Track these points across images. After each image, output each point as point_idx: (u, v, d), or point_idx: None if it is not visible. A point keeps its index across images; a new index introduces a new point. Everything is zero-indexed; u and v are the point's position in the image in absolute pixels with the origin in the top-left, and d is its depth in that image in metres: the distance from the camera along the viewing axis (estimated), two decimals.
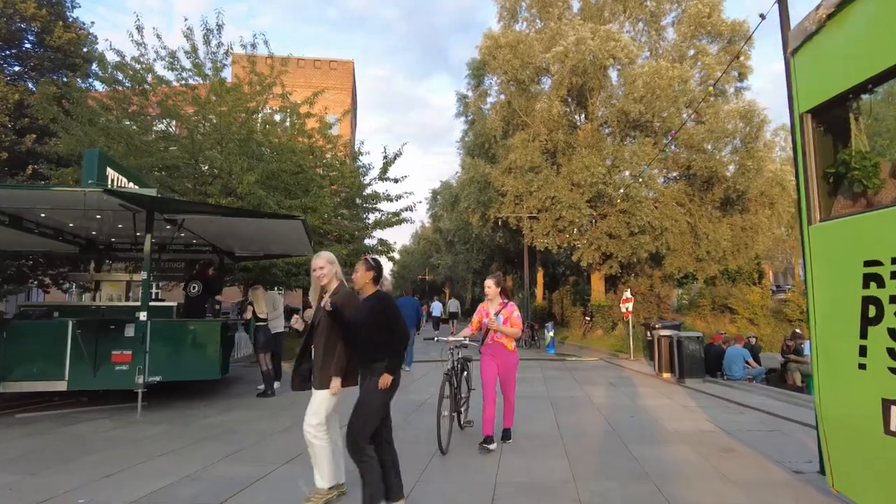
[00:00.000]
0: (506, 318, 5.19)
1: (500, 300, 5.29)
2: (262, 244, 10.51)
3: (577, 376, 11.08)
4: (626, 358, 15.20)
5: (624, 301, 15.59)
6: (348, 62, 44.21)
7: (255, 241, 10.09)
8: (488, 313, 5.27)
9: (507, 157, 18.50)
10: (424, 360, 13.86)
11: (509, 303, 5.31)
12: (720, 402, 8.01)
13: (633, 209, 17.32)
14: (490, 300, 5.34)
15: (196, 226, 7.95)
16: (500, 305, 5.24)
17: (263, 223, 7.95)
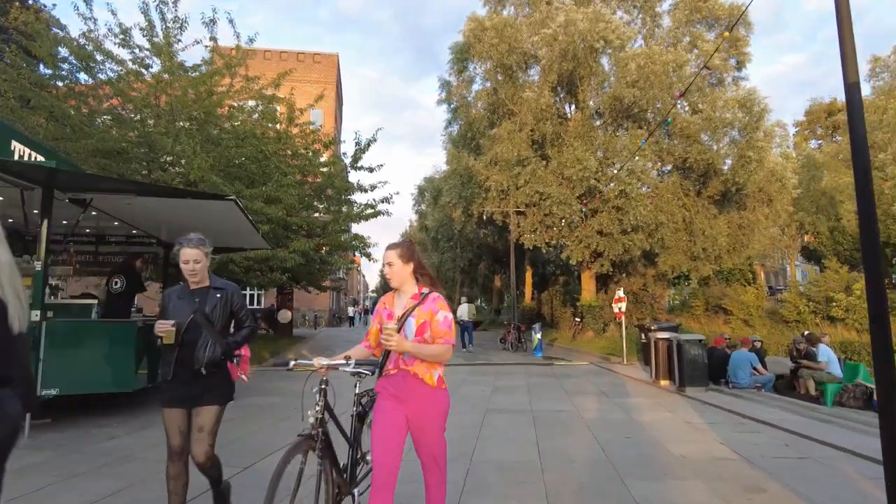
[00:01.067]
0: (422, 322, 2.62)
1: (414, 288, 2.75)
2: (204, 234, 9.24)
3: (565, 384, 9.92)
4: (619, 362, 14.10)
5: (616, 301, 14.49)
6: (332, 56, 42.92)
7: (194, 229, 8.85)
8: (390, 314, 2.72)
9: (493, 148, 17.35)
10: None
11: (430, 295, 2.71)
12: (730, 416, 6.88)
13: (626, 206, 16.23)
14: (396, 289, 2.79)
15: (113, 208, 6.71)
16: (412, 299, 2.71)
17: (194, 206, 6.71)
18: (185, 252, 2.97)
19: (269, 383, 10.07)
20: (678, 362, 9.18)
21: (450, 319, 2.67)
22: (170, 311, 2.99)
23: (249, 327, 3.20)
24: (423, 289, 2.73)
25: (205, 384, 2.95)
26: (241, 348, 3.31)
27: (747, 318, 25.96)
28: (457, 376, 11.03)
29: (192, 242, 2.97)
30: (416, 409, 2.67)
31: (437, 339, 2.61)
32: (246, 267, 12.82)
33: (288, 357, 3.05)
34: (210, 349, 2.94)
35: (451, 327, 2.66)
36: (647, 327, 13.35)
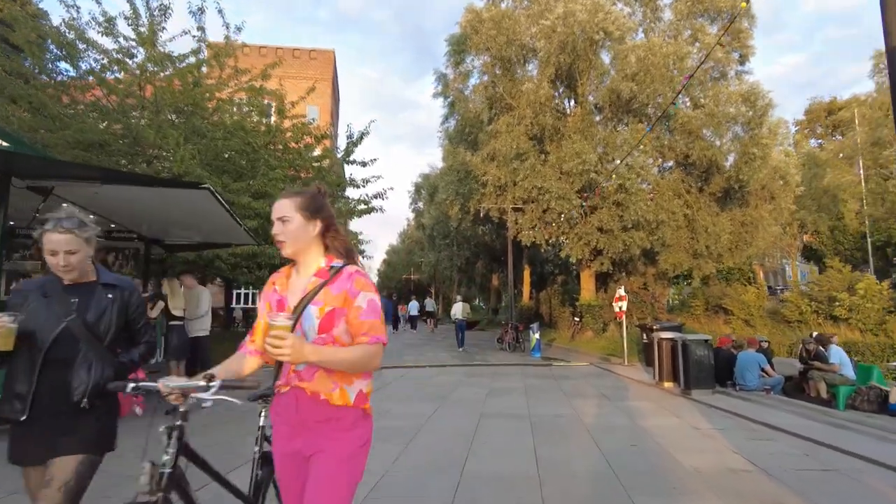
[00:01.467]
0: (330, 312, 1.70)
1: (319, 260, 1.81)
2: (185, 227, 8.82)
3: (564, 386, 9.49)
4: (620, 363, 13.68)
5: (617, 300, 14.07)
6: (328, 52, 42.44)
7: (175, 222, 8.41)
8: (282, 302, 1.80)
9: (490, 143, 16.90)
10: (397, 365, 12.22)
11: (345, 269, 1.77)
12: (740, 421, 6.45)
13: (626, 202, 15.80)
14: (296, 264, 1.86)
15: (80, 198, 6.24)
16: (317, 277, 1.76)
17: (168, 196, 6.26)
18: (49, 238, 1.99)
19: (267, 381, 9.63)
20: (683, 364, 8.75)
21: (376, 305, 1.72)
22: (27, 316, 1.99)
23: (147, 343, 2.33)
24: (334, 261, 1.76)
25: (72, 423, 1.99)
26: (137, 371, 2.34)
27: (748, 318, 25.58)
28: (452, 377, 10.59)
29: (62, 225, 1.98)
30: (311, 446, 1.70)
31: (357, 336, 1.68)
32: (233, 264, 12.36)
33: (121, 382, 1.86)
34: (95, 373, 2.03)
35: (380, 317, 1.72)
36: (649, 327, 12.94)
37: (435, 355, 15.18)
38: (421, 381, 10.04)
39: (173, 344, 6.88)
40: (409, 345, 18.61)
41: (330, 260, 1.77)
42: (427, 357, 14.76)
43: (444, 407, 7.24)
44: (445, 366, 12.71)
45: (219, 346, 16.87)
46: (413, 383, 9.81)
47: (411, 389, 9.01)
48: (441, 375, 11.04)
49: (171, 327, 6.95)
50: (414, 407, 7.24)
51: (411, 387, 9.34)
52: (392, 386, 9.45)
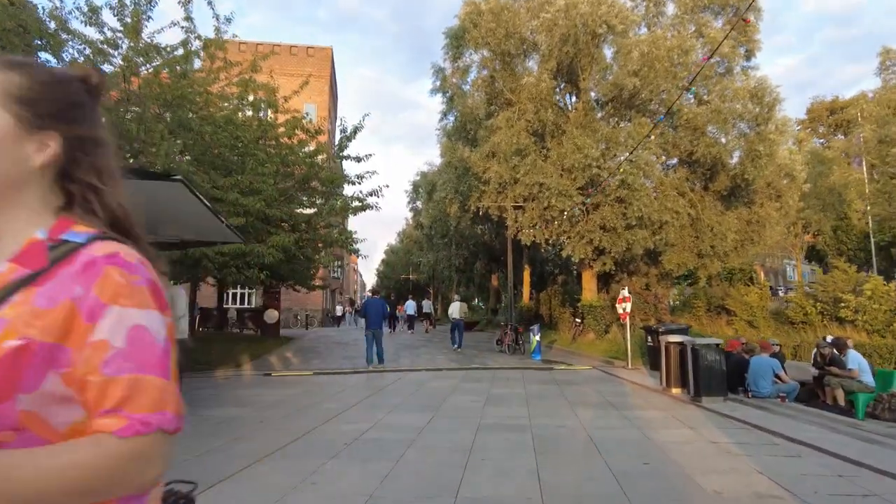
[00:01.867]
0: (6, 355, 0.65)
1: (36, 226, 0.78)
2: (167, 224, 8.29)
3: (567, 393, 8.98)
4: (623, 366, 13.18)
5: (620, 301, 13.57)
6: (326, 49, 41.96)
7: (156, 220, 7.89)
8: None
9: (490, 139, 16.42)
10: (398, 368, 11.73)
11: (82, 252, 0.74)
12: (760, 434, 5.95)
13: (629, 198, 15.31)
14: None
15: None
16: (18, 260, 0.74)
17: (139, 188, 5.74)
18: None
19: (242, 391, 9.12)
20: (693, 369, 8.25)
21: (152, 339, 0.74)
22: None
23: None
24: (72, 230, 0.78)
25: None
26: None
27: (751, 320, 25.12)
28: (448, 382, 10.08)
29: None
30: None
31: (95, 414, 0.70)
32: (221, 263, 11.86)
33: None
34: None
35: (164, 367, 0.75)
36: (655, 329, 12.45)
37: (432, 358, 14.69)
38: (415, 387, 9.53)
39: None
40: (405, 346, 18.11)
41: (62, 227, 0.78)
42: (423, 360, 14.27)
43: (438, 417, 6.74)
44: (441, 369, 12.21)
45: (209, 347, 16.37)
46: (406, 389, 9.31)
47: (403, 396, 8.50)
48: (437, 380, 10.53)
49: None
50: (405, 417, 6.73)
51: (404, 393, 8.84)
52: (383, 392, 8.95)
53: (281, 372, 11.81)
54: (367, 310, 12.18)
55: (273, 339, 20.12)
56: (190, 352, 8.89)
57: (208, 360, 12.96)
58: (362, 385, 9.89)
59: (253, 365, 13.09)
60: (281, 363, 13.50)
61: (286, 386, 9.73)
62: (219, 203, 11.21)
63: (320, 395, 8.71)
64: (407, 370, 12.12)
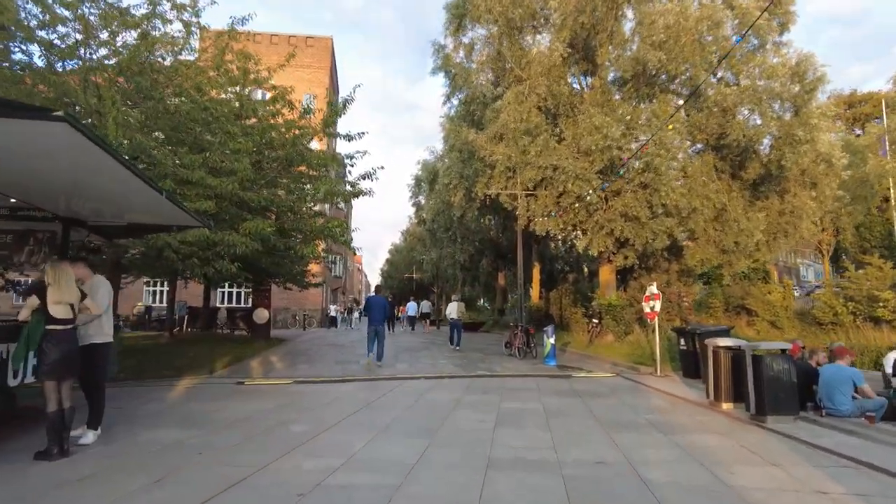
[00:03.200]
0: None
1: None
2: (101, 200, 6.76)
3: (594, 408, 7.37)
4: (650, 372, 11.57)
5: (647, 298, 11.96)
6: (326, 39, 40.50)
7: (85, 194, 6.37)
8: None
9: (497, 119, 14.81)
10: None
11: None
12: (877, 477, 4.32)
13: (655, 183, 13.67)
14: None
15: None
16: None
17: (27, 144, 4.19)
18: None
19: (201, 405, 7.56)
20: (754, 381, 6.62)
21: None
22: None
23: None
24: None
25: None
26: None
27: (774, 320, 23.41)
28: (450, 394, 8.49)
29: None
30: None
31: None
32: (185, 254, 10.32)
33: None
34: None
35: None
36: (691, 331, 10.84)
37: (433, 362, 13.11)
38: (411, 399, 7.95)
39: (49, 358, 4.81)
40: (405, 349, 16.53)
41: None
42: (423, 364, 12.69)
43: (434, 446, 5.16)
44: (443, 377, 10.61)
45: (186, 349, 14.86)
46: (400, 403, 7.73)
47: (395, 413, 6.92)
48: (437, 390, 8.95)
49: (46, 334, 4.87)
50: (391, 447, 5.16)
51: (397, 408, 7.25)
52: (372, 408, 7.37)
53: (257, 380, 10.25)
54: (369, 307, 12.23)
55: (263, 340, 18.61)
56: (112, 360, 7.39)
57: (178, 366, 11.45)
58: (349, 397, 8.31)
59: (230, 371, 11.56)
60: (262, 369, 11.95)
61: (257, 398, 8.17)
62: (186, 185, 9.70)
63: (294, 411, 7.15)
64: (404, 377, 10.53)
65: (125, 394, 8.47)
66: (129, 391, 8.73)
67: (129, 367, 11.17)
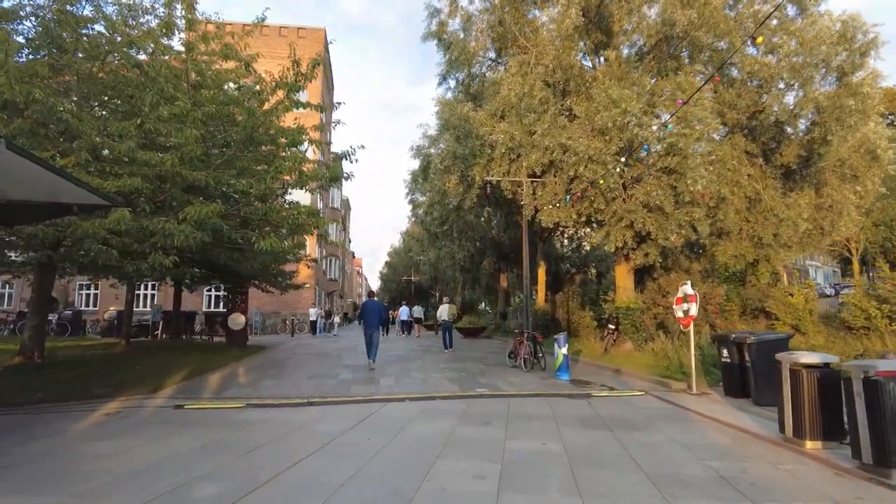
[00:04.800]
0: None
1: None
2: None
3: (635, 450, 5.39)
4: (685, 389, 9.59)
5: (680, 301, 9.99)
6: (319, 30, 38.70)
7: None
8: None
9: (498, 94, 12.85)
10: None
11: None
12: None
13: (681, 167, 11.72)
14: None
15: None
16: None
17: None
18: None
19: (99, 444, 5.58)
20: (868, 417, 4.64)
21: None
22: None
23: None
24: None
25: None
26: None
27: (797, 324, 21.45)
28: (439, 424, 6.50)
29: None
30: None
31: None
32: (122, 249, 8.37)
33: None
34: None
35: None
36: (737, 339, 8.86)
37: (424, 376, 11.14)
38: (384, 436, 5.97)
39: None
40: (396, 358, 14.55)
41: None
42: (412, 379, 10.72)
43: None
44: (434, 398, 8.63)
45: (139, 360, 12.90)
46: (370, 441, 5.75)
47: (358, 461, 4.94)
48: (423, 419, 6.98)
49: None
50: None
51: (361, 453, 5.27)
52: (328, 451, 5.39)
53: (203, 402, 8.29)
54: (365, 312, 12.15)
55: (238, 349, 16.67)
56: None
57: (117, 383, 9.51)
58: (306, 431, 6.34)
59: (179, 388, 9.61)
60: (218, 386, 9.98)
61: (182, 432, 6.21)
62: (116, 163, 7.76)
63: (218, 455, 5.18)
64: (385, 399, 8.57)
65: (19, 423, 6.54)
66: (28, 419, 6.81)
67: (58, 383, 9.25)
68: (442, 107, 15.46)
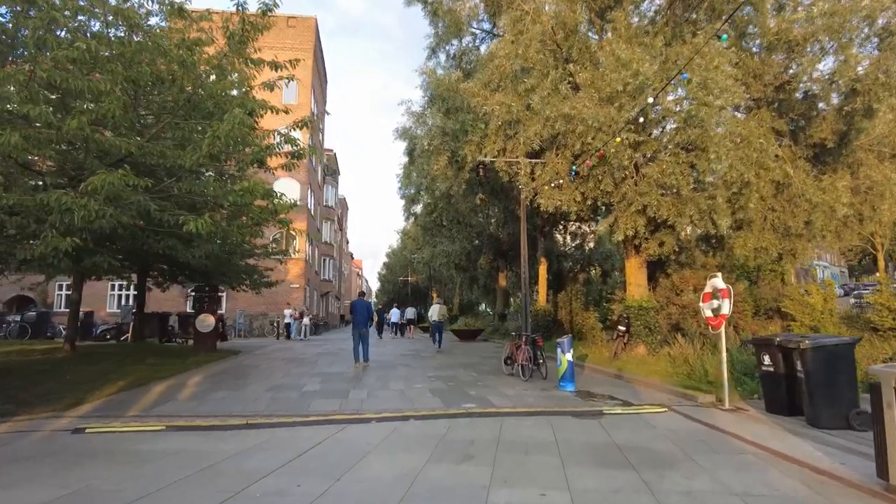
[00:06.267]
0: None
1: None
2: None
3: (672, 498, 3.71)
4: (712, 402, 7.95)
5: (708, 297, 8.33)
6: (309, 19, 37.07)
7: None
8: None
9: (492, 63, 11.17)
10: None
11: None
12: None
13: (703, 141, 10.04)
14: None
15: None
16: None
17: None
18: None
19: None
20: None
21: None
22: None
23: None
24: None
25: None
26: None
27: (815, 325, 19.71)
28: (404, 461, 4.78)
29: None
30: None
31: None
32: (21, 230, 6.70)
33: None
34: None
35: None
36: (783, 343, 7.21)
37: (405, 387, 9.45)
38: (323, 479, 4.29)
39: None
40: (379, 365, 12.86)
41: None
42: (390, 392, 9.02)
43: None
44: (408, 417, 6.94)
45: (86, 365, 11.25)
46: (293, 487, 4.07)
47: None
48: (385, 449, 5.31)
49: None
50: None
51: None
52: (241, 501, 3.72)
53: (114, 424, 6.60)
54: (354, 311, 12.37)
55: (205, 353, 15.00)
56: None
57: (27, 397, 7.89)
58: (213, 472, 4.65)
59: (104, 404, 7.96)
60: (153, 401, 8.31)
61: (60, 470, 4.58)
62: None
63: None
64: (349, 418, 6.90)
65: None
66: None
67: None
68: (428, 78, 13.67)
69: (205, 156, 7.04)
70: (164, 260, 11.85)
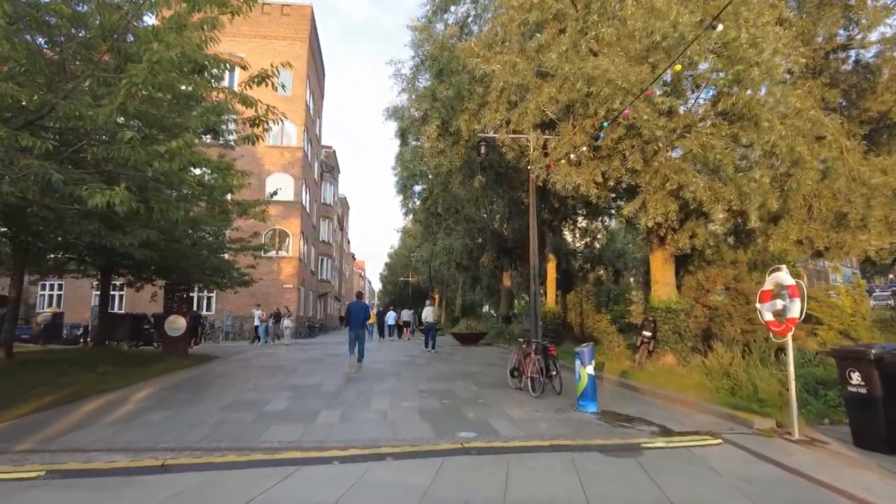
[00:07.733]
0: None
1: None
2: None
3: None
4: (774, 429, 6.23)
5: (768, 296, 6.61)
6: (305, 7, 35.41)
7: None
8: None
9: (495, 20, 9.42)
10: None
11: None
12: None
13: (753, 111, 8.30)
14: None
15: None
16: None
17: None
18: None
19: None
20: None
21: None
22: None
23: None
24: None
25: None
26: None
27: (845, 329, 17.85)
28: None
29: None
30: None
31: None
32: None
33: None
34: None
35: None
36: (889, 359, 5.47)
37: (390, 407, 7.72)
38: None
39: None
40: (365, 375, 11.15)
41: None
42: (370, 414, 7.28)
43: None
44: (383, 455, 5.20)
45: (19, 374, 9.59)
46: None
47: None
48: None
49: None
50: None
51: None
52: None
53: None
54: (350, 313, 12.13)
55: (174, 359, 13.35)
56: None
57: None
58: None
59: (9, 428, 6.28)
60: (70, 425, 6.62)
61: None
62: None
63: None
64: (303, 457, 5.18)
65: None
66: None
67: None
68: (418, 35, 11.78)
69: (120, 108, 5.34)
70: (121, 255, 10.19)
